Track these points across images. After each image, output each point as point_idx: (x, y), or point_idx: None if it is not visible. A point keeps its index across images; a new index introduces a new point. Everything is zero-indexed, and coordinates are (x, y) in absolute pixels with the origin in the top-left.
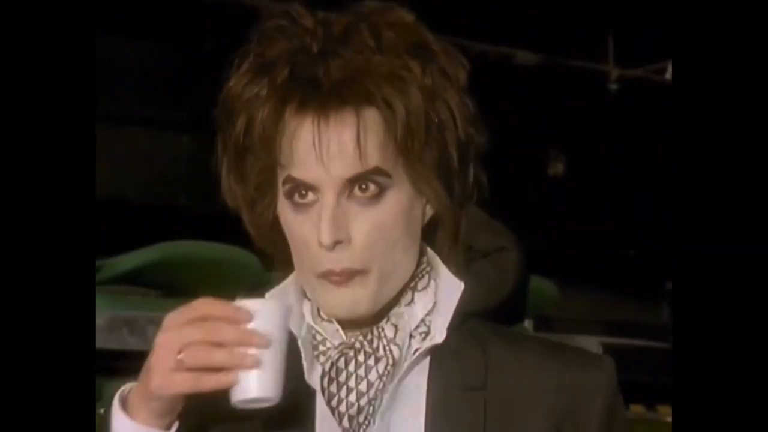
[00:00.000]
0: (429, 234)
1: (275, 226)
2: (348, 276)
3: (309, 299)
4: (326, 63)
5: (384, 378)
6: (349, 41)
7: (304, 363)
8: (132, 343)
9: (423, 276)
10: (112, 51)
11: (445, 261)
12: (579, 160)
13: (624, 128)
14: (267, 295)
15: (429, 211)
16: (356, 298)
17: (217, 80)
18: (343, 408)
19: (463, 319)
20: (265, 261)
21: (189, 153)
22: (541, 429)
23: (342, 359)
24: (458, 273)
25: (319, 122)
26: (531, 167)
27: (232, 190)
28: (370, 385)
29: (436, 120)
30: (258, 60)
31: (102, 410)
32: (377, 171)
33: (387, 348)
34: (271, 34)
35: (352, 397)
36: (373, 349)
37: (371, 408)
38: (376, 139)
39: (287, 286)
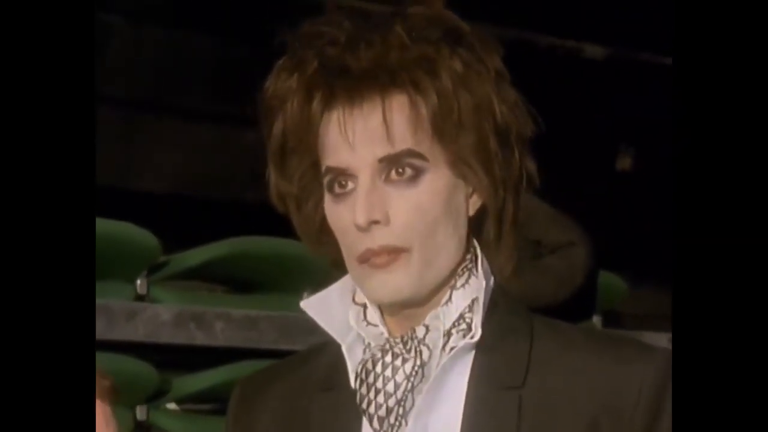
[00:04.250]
0: (478, 229)
1: (323, 227)
2: (389, 255)
3: (356, 304)
4: (355, 52)
5: (412, 379)
6: (378, 30)
7: (349, 369)
8: (199, 338)
9: (463, 273)
10: (178, 45)
11: (492, 254)
12: (647, 154)
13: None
14: (303, 304)
15: (476, 202)
16: (399, 281)
17: None
18: (372, 409)
19: (510, 313)
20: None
21: (254, 148)
22: (577, 427)
23: (371, 361)
24: (504, 268)
25: (344, 108)
26: (599, 162)
27: (278, 193)
28: (397, 386)
29: (469, 103)
30: (291, 59)
31: (170, 405)
32: (410, 153)
33: (417, 349)
34: (305, 33)
35: (380, 398)
36: (404, 350)
37: (401, 409)
38: (408, 122)
39: (331, 292)
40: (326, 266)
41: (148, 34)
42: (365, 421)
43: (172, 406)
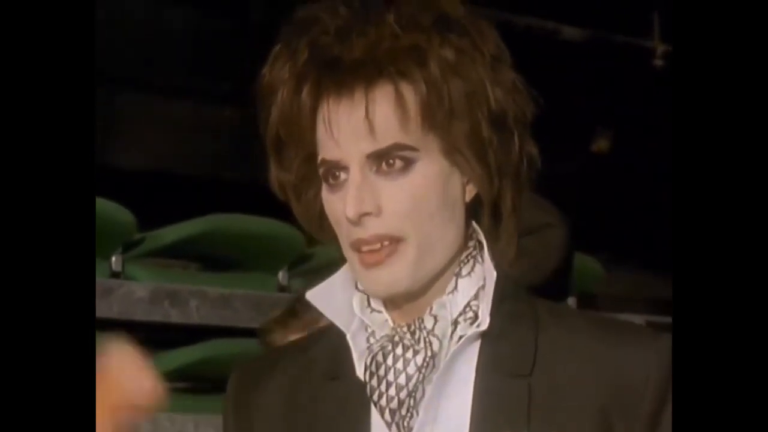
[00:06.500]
0: (478, 216)
1: (324, 214)
2: (383, 246)
3: (359, 290)
4: (345, 42)
5: (423, 370)
6: (370, 19)
7: (355, 358)
8: (174, 316)
9: (468, 261)
10: (157, 20)
11: (492, 241)
12: (624, 136)
13: (669, 104)
14: (309, 294)
15: (473, 189)
16: (395, 273)
17: (262, 52)
18: (384, 402)
19: (516, 300)
20: (307, 235)
21: (231, 125)
22: (587, 414)
23: (381, 353)
24: (504, 254)
25: (331, 101)
26: (576, 144)
27: (278, 182)
28: (409, 377)
29: (460, 91)
30: (285, 47)
31: None
32: (398, 147)
33: (426, 339)
34: (300, 19)
35: (392, 391)
36: (413, 341)
37: (412, 400)
38: (395, 114)
39: (334, 281)
40: (302, 246)
41: (125, 10)
42: (374, 412)
43: None
